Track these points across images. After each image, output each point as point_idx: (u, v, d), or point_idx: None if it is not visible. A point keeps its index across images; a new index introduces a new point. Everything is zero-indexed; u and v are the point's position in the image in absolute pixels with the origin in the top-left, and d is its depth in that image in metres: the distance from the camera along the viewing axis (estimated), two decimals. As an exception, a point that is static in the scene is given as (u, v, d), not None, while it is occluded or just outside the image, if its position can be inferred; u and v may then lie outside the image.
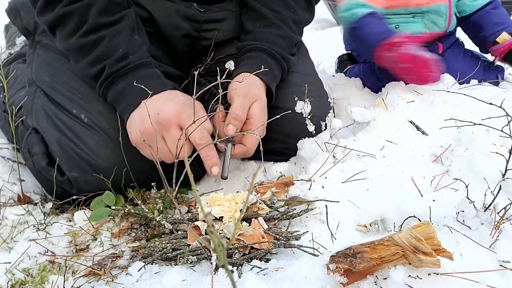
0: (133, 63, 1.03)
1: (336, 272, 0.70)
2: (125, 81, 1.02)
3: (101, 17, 1.03)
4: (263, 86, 1.13)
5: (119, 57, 1.02)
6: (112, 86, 1.04)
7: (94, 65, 1.04)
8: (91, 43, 1.03)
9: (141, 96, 0.99)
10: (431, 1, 1.75)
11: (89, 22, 1.02)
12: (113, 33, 1.04)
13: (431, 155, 1.20)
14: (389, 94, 1.51)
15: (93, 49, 1.03)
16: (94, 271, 0.87)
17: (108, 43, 1.03)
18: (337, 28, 4.00)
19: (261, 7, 1.22)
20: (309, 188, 1.08)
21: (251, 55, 1.17)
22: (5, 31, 1.81)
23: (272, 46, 1.18)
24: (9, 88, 1.38)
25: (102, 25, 1.03)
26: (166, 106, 0.98)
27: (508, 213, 0.84)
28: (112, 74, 1.02)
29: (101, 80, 1.04)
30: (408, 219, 0.96)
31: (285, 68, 1.20)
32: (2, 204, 1.10)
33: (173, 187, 0.95)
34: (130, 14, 1.08)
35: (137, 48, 1.05)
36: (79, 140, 1.06)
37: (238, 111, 1.04)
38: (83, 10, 1.02)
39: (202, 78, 1.30)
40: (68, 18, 1.03)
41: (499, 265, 0.77)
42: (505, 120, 0.91)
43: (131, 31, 1.07)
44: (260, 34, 1.20)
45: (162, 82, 1.05)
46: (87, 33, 1.03)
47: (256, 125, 1.06)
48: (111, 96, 1.05)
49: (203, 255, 0.85)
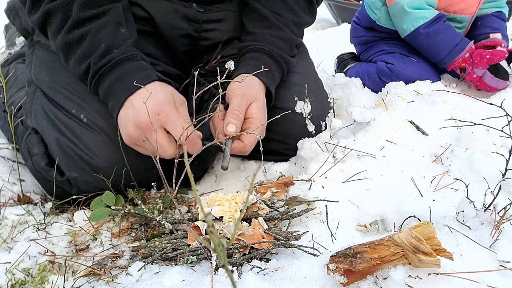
0: (117, 58, 1.00)
1: (336, 272, 0.70)
2: (110, 78, 1.00)
3: (83, 10, 1.01)
4: (262, 87, 1.12)
5: (102, 52, 1.00)
6: (100, 84, 1.02)
7: (81, 62, 1.02)
8: (76, 39, 1.01)
9: (125, 93, 0.97)
10: (463, 12, 1.76)
11: (72, 16, 1.00)
12: (97, 27, 1.01)
13: (431, 155, 1.20)
14: (389, 94, 1.52)
15: (79, 46, 1.01)
16: (94, 271, 0.87)
17: (92, 38, 1.01)
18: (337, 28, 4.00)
19: (263, 9, 1.22)
20: (309, 188, 1.08)
21: (252, 56, 1.17)
22: (5, 31, 1.81)
23: (272, 47, 1.17)
24: (9, 88, 1.38)
25: (85, 19, 1.01)
26: (142, 111, 0.94)
27: (508, 213, 0.84)
28: (97, 71, 1.00)
29: (89, 78, 1.02)
30: (408, 219, 0.96)
31: (285, 70, 1.20)
32: (2, 204, 1.09)
33: (173, 187, 0.95)
34: (117, 7, 1.06)
35: (122, 41, 1.03)
36: (79, 140, 1.06)
37: (236, 111, 1.03)
38: (66, 5, 1.00)
39: (202, 78, 1.31)
40: (53, 15, 1.02)
41: (499, 265, 0.77)
42: (505, 120, 0.91)
43: (117, 25, 1.04)
44: (261, 35, 1.20)
45: (146, 74, 1.01)
46: (71, 28, 1.01)
47: (255, 125, 1.05)
48: (101, 95, 1.03)
49: (203, 255, 0.85)
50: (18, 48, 1.66)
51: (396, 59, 1.77)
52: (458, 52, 1.65)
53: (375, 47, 1.94)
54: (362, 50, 2.04)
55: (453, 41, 1.66)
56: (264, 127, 1.08)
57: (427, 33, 1.69)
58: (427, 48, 1.73)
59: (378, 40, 1.95)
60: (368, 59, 1.96)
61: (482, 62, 1.60)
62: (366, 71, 1.85)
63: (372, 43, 1.98)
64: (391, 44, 1.88)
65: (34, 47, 1.27)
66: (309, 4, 1.29)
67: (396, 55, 1.79)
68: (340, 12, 4.54)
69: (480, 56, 1.61)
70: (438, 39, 1.68)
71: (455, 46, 1.65)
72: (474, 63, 1.62)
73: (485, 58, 1.60)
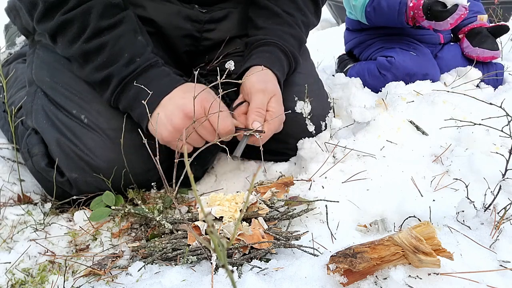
0: (142, 66, 1.02)
1: (336, 272, 0.70)
2: (137, 86, 1.01)
3: (101, 20, 1.02)
4: (276, 80, 1.14)
5: (126, 62, 1.02)
6: (124, 93, 1.03)
7: (100, 70, 1.03)
8: (95, 48, 1.02)
9: (157, 97, 0.99)
10: None
11: (91, 26, 1.01)
12: (116, 36, 1.03)
13: (431, 155, 1.20)
14: (389, 94, 1.51)
15: (98, 55, 1.02)
16: (94, 271, 0.87)
17: (112, 47, 1.02)
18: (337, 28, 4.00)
19: (274, 6, 1.24)
20: (309, 188, 1.08)
21: (265, 49, 1.18)
22: (5, 30, 1.81)
23: (284, 42, 1.19)
24: (9, 88, 1.38)
25: (104, 28, 1.02)
26: (188, 99, 0.97)
27: (508, 213, 0.84)
28: (122, 80, 1.02)
29: (111, 88, 1.03)
30: (408, 219, 0.96)
31: (293, 66, 1.22)
32: (2, 204, 1.09)
33: (173, 187, 0.95)
34: (129, 15, 1.08)
35: (143, 49, 1.05)
36: (79, 140, 1.06)
37: (260, 107, 1.06)
38: (83, 15, 1.01)
39: (202, 78, 1.31)
40: (69, 25, 1.02)
41: (499, 265, 0.77)
42: (505, 120, 0.91)
43: (134, 32, 1.06)
44: (273, 30, 1.21)
45: (174, 79, 1.05)
46: (90, 38, 1.02)
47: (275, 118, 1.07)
48: (124, 103, 1.04)
49: (203, 255, 0.85)
50: (18, 48, 1.66)
51: (396, 52, 1.79)
52: (404, 7, 1.69)
53: (373, 46, 1.96)
54: (360, 51, 2.05)
55: (396, 1, 1.71)
56: (282, 121, 1.11)
57: (373, 7, 1.77)
58: (383, 19, 1.79)
59: (372, 39, 1.98)
60: (368, 57, 1.97)
61: (420, 17, 1.65)
62: (366, 68, 1.86)
63: (368, 41, 2.00)
64: (387, 40, 1.91)
65: (35, 46, 1.26)
66: (315, 6, 1.31)
67: (396, 49, 1.82)
68: (340, 12, 4.55)
69: (416, 9, 1.66)
70: (383, 6, 1.74)
71: (399, 3, 1.70)
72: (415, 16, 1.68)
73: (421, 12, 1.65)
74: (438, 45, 1.98)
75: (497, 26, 1.88)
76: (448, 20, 1.60)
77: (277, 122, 1.08)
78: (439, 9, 1.59)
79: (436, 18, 1.61)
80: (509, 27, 1.89)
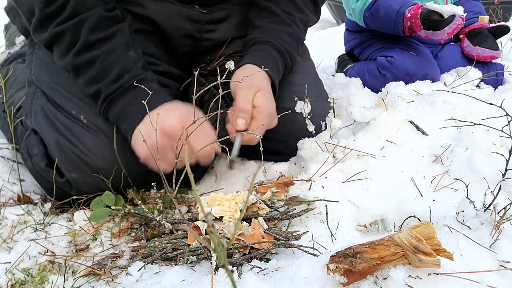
0: (128, 82, 1.01)
1: (336, 272, 0.70)
2: (123, 102, 1.01)
3: (92, 34, 1.01)
4: (266, 78, 1.13)
5: (113, 79, 1.01)
6: (111, 108, 1.03)
7: (90, 85, 1.03)
8: (85, 62, 1.01)
9: (141, 113, 0.98)
10: None
11: (81, 40, 1.00)
12: (106, 51, 1.02)
13: (431, 155, 1.20)
14: (389, 94, 1.52)
15: (88, 69, 1.02)
16: (94, 271, 0.87)
17: (102, 63, 1.01)
18: (337, 28, 4.01)
19: (272, 6, 1.23)
20: (309, 188, 1.08)
21: (258, 48, 1.18)
22: (5, 30, 1.81)
23: (280, 41, 1.19)
24: (8, 88, 1.38)
25: (94, 42, 1.01)
26: (168, 117, 0.96)
27: (508, 213, 0.84)
28: (108, 96, 1.01)
29: (99, 102, 1.03)
30: (408, 219, 0.96)
31: (289, 65, 1.21)
32: (2, 204, 1.09)
33: (173, 187, 0.95)
34: (123, 28, 1.06)
35: (132, 64, 1.03)
36: (78, 141, 1.06)
37: (243, 103, 1.03)
38: (75, 28, 1.00)
39: (202, 78, 1.30)
40: (61, 37, 1.01)
41: (499, 265, 0.77)
42: (505, 120, 0.91)
43: (125, 47, 1.05)
44: (269, 29, 1.21)
45: (160, 97, 1.03)
46: (80, 52, 1.01)
47: (262, 114, 1.05)
48: (112, 117, 1.04)
49: (203, 255, 0.85)
50: (18, 48, 1.65)
51: (396, 52, 1.80)
52: (401, 17, 1.71)
53: (373, 46, 1.97)
54: (360, 51, 2.05)
55: (393, 11, 1.73)
56: (273, 115, 1.09)
57: (371, 13, 1.79)
58: (380, 25, 1.82)
59: (372, 39, 1.99)
60: (368, 57, 1.97)
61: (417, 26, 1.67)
62: (366, 68, 1.86)
63: (368, 41, 2.01)
64: (387, 40, 1.92)
65: (34, 46, 1.26)
66: (314, 5, 1.31)
67: (396, 50, 1.82)
68: (340, 12, 4.55)
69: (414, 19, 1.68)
70: (381, 14, 1.76)
71: (397, 13, 1.72)
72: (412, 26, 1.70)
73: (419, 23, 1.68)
74: (438, 45, 1.98)
75: (497, 27, 1.90)
76: (445, 30, 1.62)
77: (266, 117, 1.05)
78: (437, 18, 1.61)
79: (434, 28, 1.63)
80: (509, 28, 1.89)
